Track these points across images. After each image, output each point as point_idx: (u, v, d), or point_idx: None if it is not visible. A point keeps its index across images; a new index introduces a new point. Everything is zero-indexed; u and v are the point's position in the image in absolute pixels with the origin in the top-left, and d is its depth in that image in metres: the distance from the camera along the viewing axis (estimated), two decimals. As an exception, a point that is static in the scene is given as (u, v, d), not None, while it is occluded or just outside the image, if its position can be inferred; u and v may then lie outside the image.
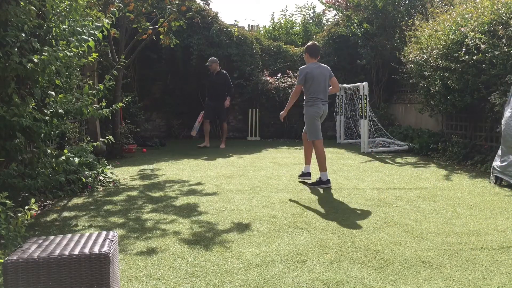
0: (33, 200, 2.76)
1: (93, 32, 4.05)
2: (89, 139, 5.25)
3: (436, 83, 7.18)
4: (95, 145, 4.57)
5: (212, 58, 9.34)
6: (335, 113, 10.56)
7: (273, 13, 47.19)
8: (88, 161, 5.47)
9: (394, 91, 11.15)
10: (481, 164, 6.50)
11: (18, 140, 3.68)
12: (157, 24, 8.33)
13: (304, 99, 5.50)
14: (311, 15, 16.57)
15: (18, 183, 3.68)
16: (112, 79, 4.47)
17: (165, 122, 11.35)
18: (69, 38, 4.00)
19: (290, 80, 10.95)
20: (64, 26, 3.97)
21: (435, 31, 7.42)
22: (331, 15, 15.89)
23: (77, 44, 3.87)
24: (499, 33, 5.84)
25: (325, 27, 13.52)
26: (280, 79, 11.00)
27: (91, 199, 4.79)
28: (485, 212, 4.25)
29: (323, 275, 2.78)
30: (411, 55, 8.08)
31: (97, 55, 4.91)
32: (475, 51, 6.21)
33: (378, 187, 5.38)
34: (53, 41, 3.96)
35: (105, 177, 5.64)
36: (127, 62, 7.54)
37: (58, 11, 3.89)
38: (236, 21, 23.56)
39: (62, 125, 4.35)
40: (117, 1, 6.79)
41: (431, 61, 7.30)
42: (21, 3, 3.51)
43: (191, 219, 4.00)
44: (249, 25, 24.73)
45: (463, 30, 6.63)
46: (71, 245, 2.23)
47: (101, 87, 4.37)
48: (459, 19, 6.88)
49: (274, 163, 7.20)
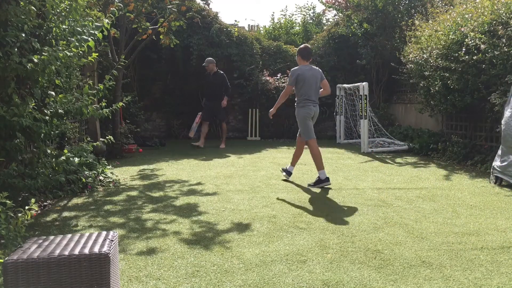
0: (33, 200, 2.75)
1: (93, 32, 4.05)
2: (89, 139, 5.25)
3: (436, 83, 7.18)
4: (95, 145, 4.56)
5: (208, 58, 9.31)
6: (335, 113, 10.56)
7: (273, 13, 47.27)
8: (88, 161, 5.47)
9: (394, 91, 11.14)
10: (481, 164, 6.50)
11: (18, 140, 3.68)
12: (157, 24, 8.33)
13: (295, 100, 5.57)
14: (311, 15, 16.60)
15: (18, 183, 3.68)
16: (112, 79, 4.47)
17: (165, 122, 11.35)
18: (69, 38, 4.00)
19: (290, 80, 10.94)
20: (64, 26, 3.97)
21: (435, 31, 7.42)
22: (331, 15, 15.93)
23: (77, 44, 3.88)
24: (499, 33, 5.84)
25: (325, 27, 13.53)
26: (280, 79, 11.00)
27: (91, 199, 4.79)
28: (485, 212, 4.25)
29: (323, 275, 2.78)
30: (411, 55, 8.08)
31: (97, 55, 4.91)
32: (475, 51, 6.21)
33: (378, 187, 5.38)
34: (53, 41, 3.96)
35: (105, 177, 5.64)
36: (127, 62, 7.54)
37: (58, 11, 3.89)
38: (236, 21, 23.61)
39: (62, 125, 4.35)
40: (117, 1, 6.79)
41: (431, 61, 7.30)
42: (21, 3, 3.51)
43: (191, 219, 4.00)
44: (249, 25, 24.77)
45: (463, 30, 6.63)
46: (71, 245, 2.23)
47: (101, 87, 4.37)
48: (459, 19, 6.88)
49: (274, 163, 7.20)
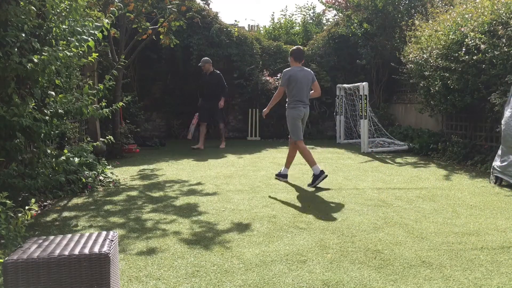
0: (33, 200, 2.75)
1: (93, 32, 4.06)
2: (89, 139, 5.25)
3: (436, 83, 7.18)
4: (95, 145, 4.56)
5: (204, 58, 9.17)
6: (335, 113, 10.56)
7: (273, 13, 47.21)
8: (88, 161, 5.47)
9: (394, 91, 11.14)
10: (481, 164, 6.50)
11: (18, 140, 3.68)
12: (157, 24, 8.33)
13: (286, 101, 5.59)
14: (311, 15, 16.58)
15: (18, 183, 3.68)
16: (112, 79, 4.47)
17: (165, 122, 11.35)
18: (69, 38, 4.00)
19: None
20: (64, 26, 3.97)
21: (435, 31, 7.42)
22: (331, 15, 15.91)
23: (77, 44, 3.88)
24: (499, 33, 5.84)
25: (325, 27, 13.52)
26: (280, 79, 10.97)
27: (91, 199, 4.79)
28: (485, 212, 4.25)
29: (323, 275, 2.78)
30: (411, 55, 8.08)
31: (97, 55, 4.91)
32: (475, 51, 6.21)
33: (378, 187, 5.38)
34: (53, 41, 3.97)
35: (105, 177, 5.64)
36: (127, 62, 7.54)
37: (58, 11, 3.89)
38: (236, 21, 23.58)
39: (62, 125, 4.35)
40: (117, 1, 6.79)
41: (431, 61, 7.30)
42: (21, 3, 3.51)
43: (191, 219, 4.00)
44: (249, 25, 24.74)
45: (463, 30, 6.63)
46: (71, 245, 2.23)
47: (101, 87, 4.37)
48: (459, 19, 6.88)
49: (274, 163, 7.20)
